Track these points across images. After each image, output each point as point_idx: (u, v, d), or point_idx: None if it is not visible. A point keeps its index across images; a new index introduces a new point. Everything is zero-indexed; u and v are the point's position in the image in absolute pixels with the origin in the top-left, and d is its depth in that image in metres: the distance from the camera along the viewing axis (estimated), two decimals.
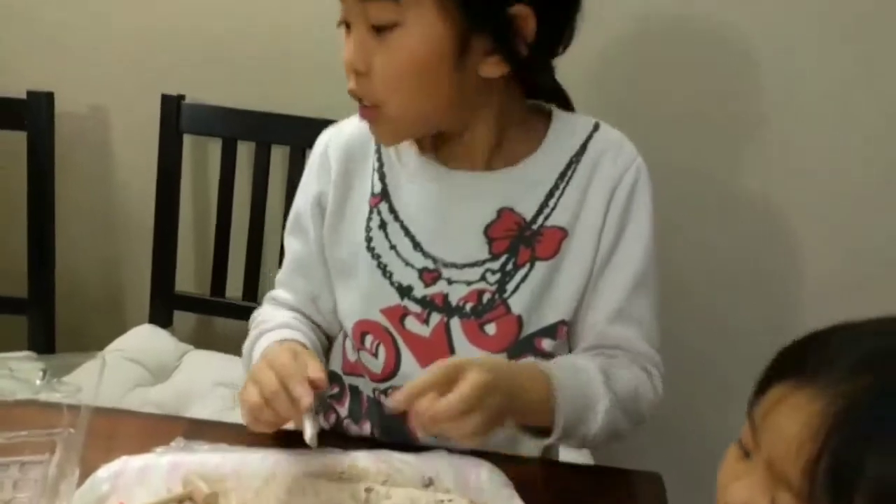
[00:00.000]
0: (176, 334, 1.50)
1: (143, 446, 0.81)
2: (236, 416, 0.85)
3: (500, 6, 0.77)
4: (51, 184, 1.46)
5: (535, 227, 0.86)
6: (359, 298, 0.89)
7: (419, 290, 0.86)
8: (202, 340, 1.53)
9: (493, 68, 0.80)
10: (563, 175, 0.86)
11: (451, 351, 0.87)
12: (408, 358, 0.88)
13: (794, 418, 0.48)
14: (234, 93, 1.47)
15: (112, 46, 1.54)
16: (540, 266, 0.85)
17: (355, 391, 0.94)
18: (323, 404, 0.93)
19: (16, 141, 1.44)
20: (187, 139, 1.49)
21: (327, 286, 0.93)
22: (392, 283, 0.87)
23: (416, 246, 0.87)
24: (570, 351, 0.90)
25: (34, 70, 1.55)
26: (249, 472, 0.77)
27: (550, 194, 0.86)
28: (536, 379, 0.78)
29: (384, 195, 0.89)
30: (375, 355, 0.89)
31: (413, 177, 0.88)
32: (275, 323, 0.91)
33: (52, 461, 0.78)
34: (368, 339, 0.89)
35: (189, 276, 1.59)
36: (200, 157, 1.57)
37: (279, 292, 0.97)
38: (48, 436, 0.81)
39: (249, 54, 1.48)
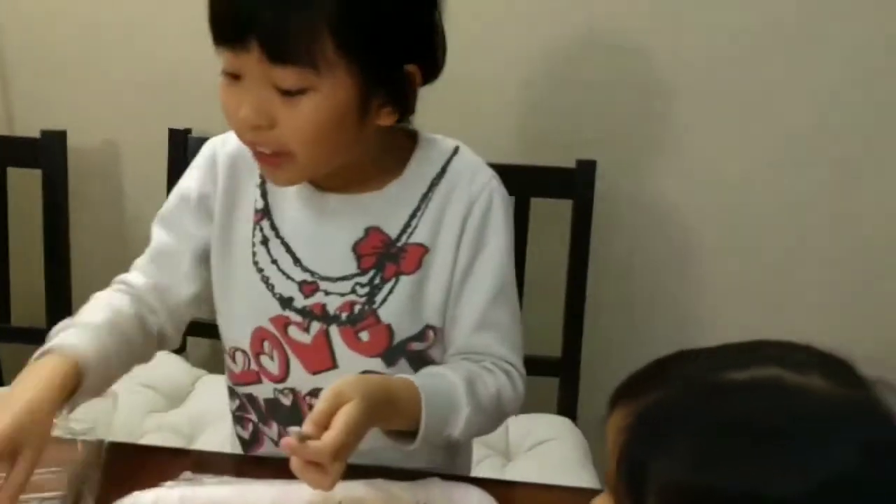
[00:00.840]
0: (189, 360, 1.56)
1: (153, 479, 0.86)
2: None
3: (396, 67, 0.84)
4: (65, 218, 1.52)
5: (399, 244, 0.93)
6: (247, 308, 0.95)
7: (299, 301, 0.93)
8: (215, 365, 1.58)
9: (387, 118, 0.87)
10: (424, 196, 0.93)
11: (332, 355, 0.93)
12: (295, 363, 0.94)
13: (610, 433, 0.54)
14: None
15: (121, 85, 1.61)
16: (404, 280, 0.92)
17: (251, 399, 0.99)
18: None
19: (31, 178, 1.50)
20: None
21: (184, 281, 0.97)
22: (274, 295, 0.93)
23: (297, 261, 0.93)
24: (442, 349, 0.96)
25: (47, 110, 1.62)
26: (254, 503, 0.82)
27: (413, 214, 0.93)
28: (406, 384, 0.85)
29: (266, 212, 0.94)
30: (272, 359, 0.95)
31: (291, 197, 0.94)
32: (86, 318, 0.91)
33: (70, 498, 0.84)
34: (266, 344, 0.95)
35: None
36: None
37: (128, 275, 0.99)
38: (65, 472, 0.86)
39: None
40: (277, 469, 0.89)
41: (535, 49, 1.50)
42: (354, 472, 0.87)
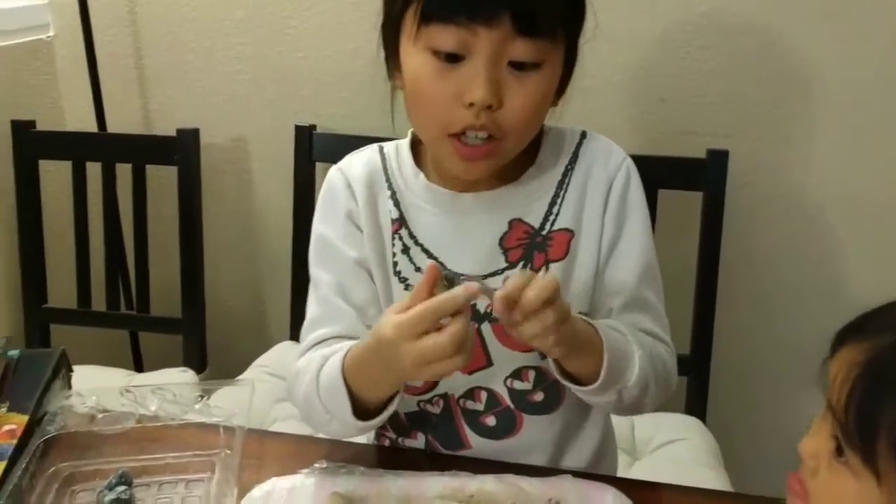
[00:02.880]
0: None
1: (289, 466, 0.88)
2: None
3: (576, 42, 0.85)
4: (199, 211, 1.59)
5: (543, 233, 0.91)
6: None
7: None
8: None
9: (556, 99, 0.87)
10: (560, 183, 0.92)
11: (486, 352, 0.91)
12: None
13: (839, 366, 0.57)
14: (362, 121, 1.54)
15: (249, 84, 1.67)
16: (554, 267, 0.90)
17: (394, 418, 0.96)
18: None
19: (167, 175, 1.58)
20: (320, 166, 1.58)
21: (375, 297, 0.93)
22: None
23: (440, 266, 0.89)
24: None
25: (182, 111, 1.69)
26: (386, 494, 0.83)
27: (553, 202, 0.91)
28: (584, 320, 0.83)
29: (402, 221, 0.93)
30: None
31: (424, 203, 0.92)
32: (336, 347, 0.87)
33: (213, 480, 0.87)
34: None
35: None
36: None
37: (318, 333, 0.92)
38: (208, 456, 0.90)
39: (375, 83, 1.55)
40: (410, 460, 0.90)
41: (663, 36, 1.45)
42: (486, 466, 0.87)
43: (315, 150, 1.56)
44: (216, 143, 1.69)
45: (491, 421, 0.95)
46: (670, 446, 1.32)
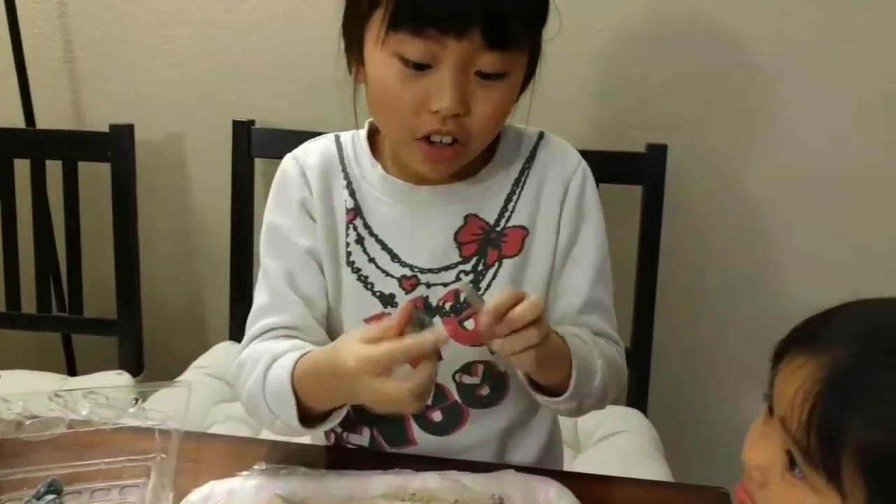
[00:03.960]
0: None
1: (228, 469, 0.86)
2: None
3: (539, 45, 0.86)
4: (134, 209, 1.54)
5: (498, 229, 0.92)
6: (347, 311, 0.93)
7: (401, 297, 0.91)
8: None
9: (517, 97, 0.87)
10: (517, 181, 0.93)
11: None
12: None
13: (794, 380, 0.56)
14: (301, 116, 1.52)
15: (185, 79, 1.62)
16: (507, 263, 0.91)
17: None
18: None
19: (100, 171, 1.53)
20: (258, 162, 1.55)
21: (324, 289, 0.92)
22: (374, 294, 0.91)
23: (394, 257, 0.91)
24: None
25: (115, 105, 1.64)
26: (328, 495, 0.81)
27: (508, 199, 0.92)
28: (553, 332, 0.83)
29: (357, 211, 0.92)
30: None
31: (379, 193, 0.92)
32: (285, 346, 0.86)
33: (148, 485, 0.84)
34: None
35: None
36: (271, 178, 1.62)
37: (264, 322, 0.90)
38: (143, 461, 0.87)
39: (314, 78, 1.53)
40: (351, 459, 0.89)
41: (603, 29, 1.46)
42: (428, 463, 0.86)
43: (253, 145, 1.53)
44: (151, 138, 1.64)
45: (437, 416, 0.95)
46: (612, 438, 1.33)
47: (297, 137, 1.19)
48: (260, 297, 0.93)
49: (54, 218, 1.62)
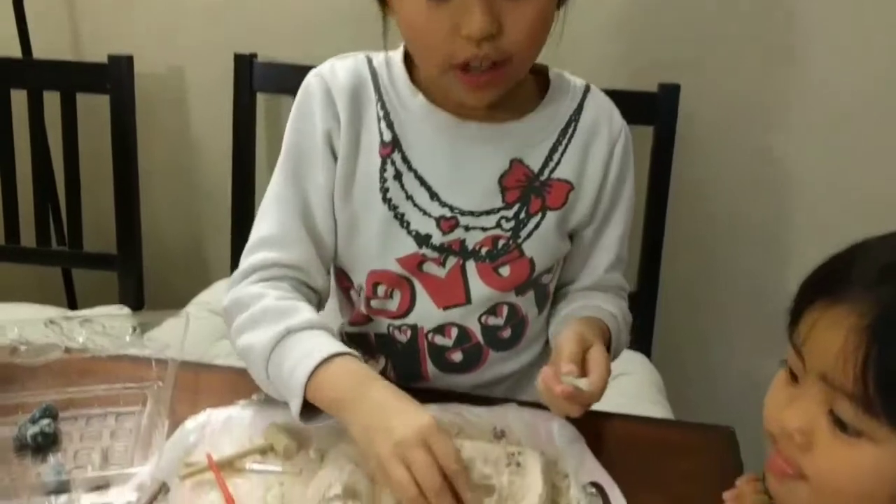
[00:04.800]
0: None
1: (225, 399, 0.85)
2: None
3: None
4: (133, 143, 1.51)
5: (542, 178, 0.89)
6: (373, 249, 0.89)
7: (437, 238, 0.88)
8: None
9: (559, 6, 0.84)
10: (563, 132, 0.90)
11: (466, 290, 0.90)
12: (423, 298, 0.90)
13: (836, 332, 0.54)
14: (304, 50, 1.48)
15: (186, 10, 1.58)
16: (551, 215, 0.90)
17: (360, 336, 0.95)
18: None
19: (99, 104, 1.50)
20: (261, 97, 1.51)
21: (332, 228, 0.89)
22: (410, 233, 0.88)
23: (434, 196, 0.87)
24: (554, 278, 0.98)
25: (114, 35, 1.60)
26: (326, 424, 0.80)
27: (554, 149, 0.90)
28: (604, 332, 0.89)
29: (395, 144, 0.87)
30: (390, 298, 0.91)
31: (423, 126, 0.87)
32: (301, 320, 0.81)
33: (144, 412, 0.84)
34: (381, 288, 0.91)
35: None
36: (274, 113, 1.59)
37: (266, 255, 0.87)
38: (139, 389, 0.86)
39: (319, 11, 1.49)
40: None
41: None
42: (430, 396, 0.85)
43: (255, 79, 1.49)
44: (151, 71, 1.60)
45: (457, 357, 0.94)
46: (615, 381, 1.29)
47: (300, 72, 1.16)
48: (266, 225, 0.88)
49: (53, 151, 1.59)
